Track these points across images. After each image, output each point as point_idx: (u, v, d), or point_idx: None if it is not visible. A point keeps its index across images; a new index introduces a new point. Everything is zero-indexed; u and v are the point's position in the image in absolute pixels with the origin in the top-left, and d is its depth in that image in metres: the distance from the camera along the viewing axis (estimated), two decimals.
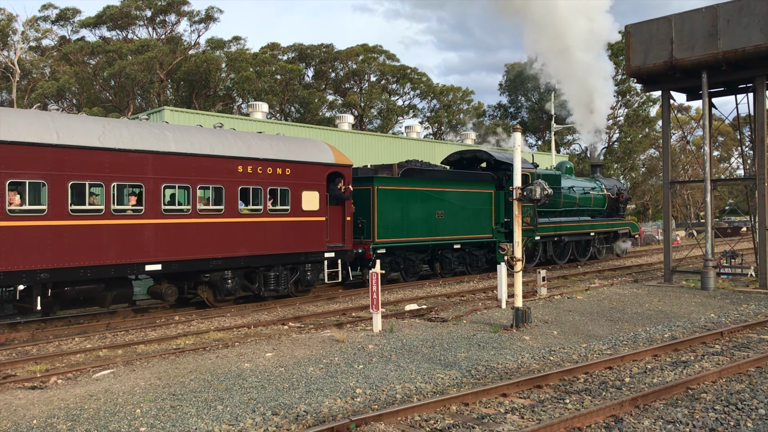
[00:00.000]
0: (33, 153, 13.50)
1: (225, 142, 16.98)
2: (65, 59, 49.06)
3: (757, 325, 13.98)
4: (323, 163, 19.00)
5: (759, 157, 19.91)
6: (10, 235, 13.21)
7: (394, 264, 22.35)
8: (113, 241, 14.77)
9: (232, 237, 16.84)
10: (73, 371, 10.98)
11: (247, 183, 17.12)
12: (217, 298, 17.54)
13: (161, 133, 15.79)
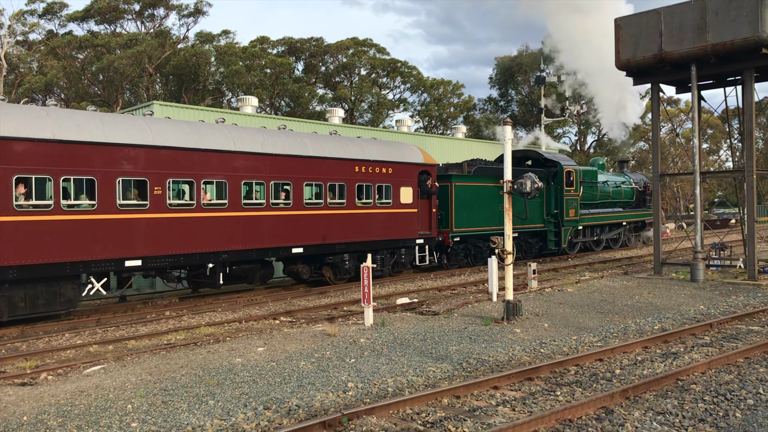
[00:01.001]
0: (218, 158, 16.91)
1: (345, 147, 20.42)
2: (53, 53, 48.70)
3: (746, 317, 14.08)
4: (415, 163, 22.30)
5: (747, 150, 20.02)
6: (202, 225, 16.51)
7: (466, 251, 25.41)
8: (273, 228, 18.18)
9: (351, 226, 20.14)
10: (63, 367, 10.93)
11: (362, 180, 20.58)
12: (336, 276, 20.80)
13: (302, 140, 19.40)
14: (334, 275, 20.63)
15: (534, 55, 64.65)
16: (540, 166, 28.79)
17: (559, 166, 28.78)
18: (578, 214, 29.04)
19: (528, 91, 67.75)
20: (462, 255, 25.34)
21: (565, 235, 28.77)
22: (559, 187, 28.38)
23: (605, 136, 68.17)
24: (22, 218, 13.52)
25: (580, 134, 68.46)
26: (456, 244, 24.48)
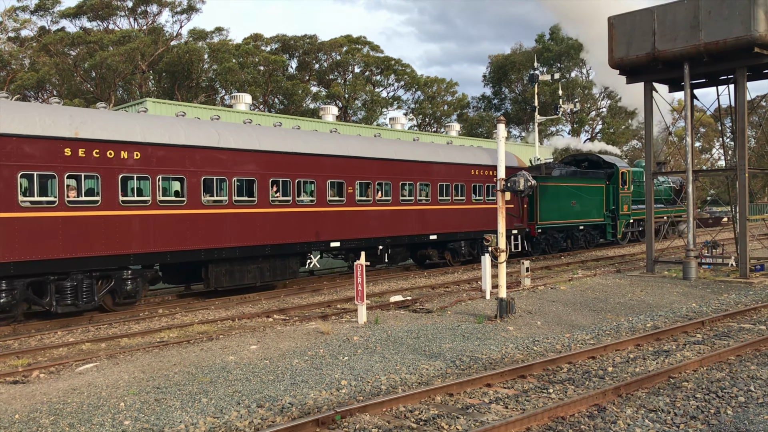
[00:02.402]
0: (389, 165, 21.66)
1: (464, 154, 24.84)
2: (45, 50, 48.43)
3: (738, 314, 14.16)
4: (511, 166, 25.35)
5: (740, 148, 20.10)
6: (375, 216, 21.10)
7: (546, 241, 29.31)
8: (418, 219, 22.49)
9: (467, 218, 24.39)
10: (55, 365, 10.90)
11: (475, 181, 24.83)
12: (454, 259, 24.97)
13: (435, 149, 23.90)
14: (453, 258, 25.00)
15: (528, 54, 64.76)
16: (599, 168, 33.28)
17: (615, 168, 33.04)
18: (630, 210, 33.62)
19: (521, 89, 67.81)
20: (544, 244, 29.29)
21: (620, 227, 33.12)
22: (615, 186, 32.62)
23: (598, 135, 68.34)
24: (273, 210, 18.30)
25: (573, 132, 68.59)
26: (539, 235, 28.70)
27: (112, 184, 14.84)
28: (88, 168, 14.48)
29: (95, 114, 15.20)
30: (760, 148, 64.20)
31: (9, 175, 13.30)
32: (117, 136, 14.98)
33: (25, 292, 13.89)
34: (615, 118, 67.66)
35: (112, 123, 15.15)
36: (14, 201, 13.40)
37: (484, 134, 62.43)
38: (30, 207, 13.64)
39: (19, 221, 13.47)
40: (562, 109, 46.17)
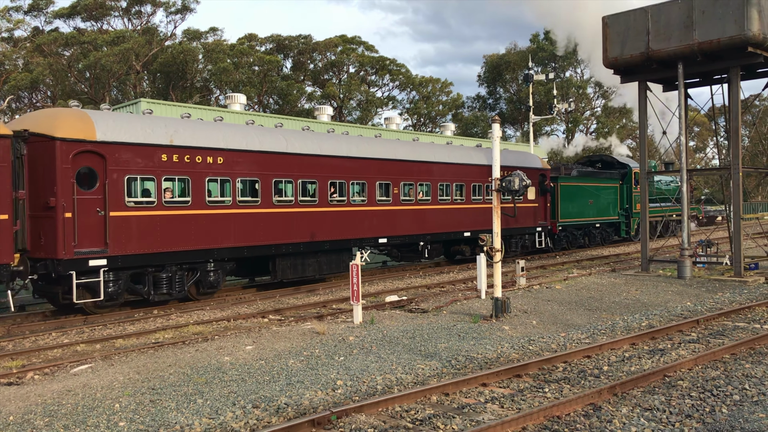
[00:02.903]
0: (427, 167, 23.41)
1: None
2: (39, 50, 48.26)
3: (732, 313, 14.20)
4: (537, 167, 28.20)
5: (733, 147, 20.16)
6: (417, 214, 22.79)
7: (566, 238, 31.12)
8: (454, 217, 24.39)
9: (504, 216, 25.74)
10: (50, 366, 10.86)
11: None
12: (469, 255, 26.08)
13: (468, 152, 25.82)
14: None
15: (522, 53, 64.83)
16: (613, 168, 35.01)
17: (628, 168, 34.79)
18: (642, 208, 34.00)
19: (516, 88, 67.89)
20: (564, 241, 30.96)
21: (633, 224, 34.73)
22: (628, 186, 34.34)
23: (592, 134, 68.43)
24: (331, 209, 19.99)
25: (567, 132, 68.70)
26: (560, 232, 30.44)
27: (200, 186, 16.61)
28: (180, 171, 16.25)
29: (185, 123, 17.07)
30: (753, 147, 64.39)
31: (118, 179, 15.07)
32: (204, 143, 16.74)
33: (128, 282, 15.57)
34: (609, 117, 67.78)
35: (200, 131, 16.91)
36: (122, 201, 15.13)
37: (479, 134, 62.48)
38: (134, 207, 15.37)
39: (125, 219, 15.21)
40: (557, 108, 46.19)
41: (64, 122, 14.57)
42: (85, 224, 14.51)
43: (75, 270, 14.29)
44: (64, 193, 14.19)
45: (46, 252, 14.30)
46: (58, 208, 14.10)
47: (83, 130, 14.64)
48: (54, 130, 14.34)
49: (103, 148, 14.84)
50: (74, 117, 14.87)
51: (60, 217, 14.08)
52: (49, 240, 14.22)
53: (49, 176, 14.30)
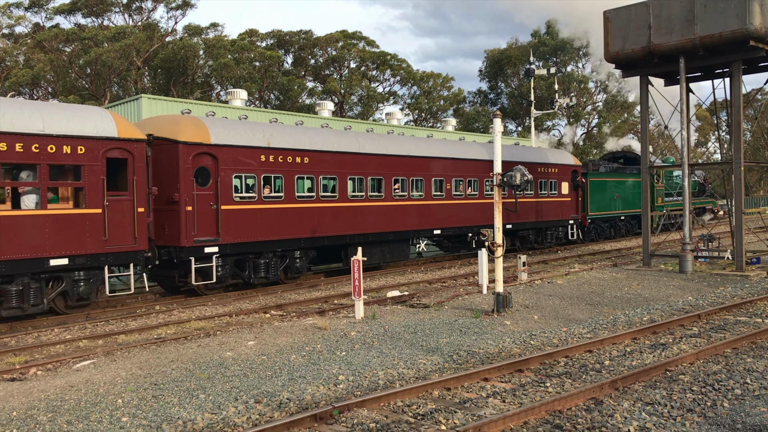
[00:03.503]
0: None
1: (531, 154, 29.10)
2: (39, 47, 48.23)
3: (734, 307, 14.20)
4: (569, 164, 30.65)
5: (735, 142, 20.13)
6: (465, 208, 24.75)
7: (594, 230, 33.38)
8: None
9: (535, 209, 28.37)
10: (52, 362, 10.89)
11: (542, 178, 28.73)
12: (523, 245, 28.47)
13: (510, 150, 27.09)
14: (522, 245, 28.47)
15: (523, 48, 64.69)
16: (635, 164, 36.49)
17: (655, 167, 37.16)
18: (663, 201, 37.98)
19: (518, 83, 67.78)
20: (593, 233, 33.31)
21: (656, 218, 35.69)
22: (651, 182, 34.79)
23: (594, 129, 68.34)
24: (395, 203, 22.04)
25: (569, 126, 68.59)
26: (589, 224, 32.56)
27: (291, 182, 18.74)
28: (275, 170, 18.41)
29: (279, 127, 19.27)
30: (755, 142, 64.25)
31: (227, 177, 17.16)
32: (294, 145, 18.91)
33: (233, 267, 17.68)
34: (611, 112, 67.66)
35: (290, 135, 19.10)
36: (230, 197, 17.26)
37: (480, 129, 62.41)
38: (239, 201, 17.51)
39: (233, 212, 17.33)
40: (558, 103, 46.15)
41: (185, 128, 16.69)
42: (201, 216, 16.69)
43: (194, 256, 16.51)
44: (186, 189, 16.38)
45: (169, 240, 16.43)
46: (181, 203, 16.27)
47: (200, 134, 16.77)
48: (177, 134, 16.45)
49: (215, 150, 16.98)
50: (192, 123, 17.02)
51: (183, 210, 16.28)
52: (173, 230, 16.37)
53: (172, 174, 16.34)
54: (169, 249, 16.43)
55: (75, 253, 14.15)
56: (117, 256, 14.89)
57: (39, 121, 13.70)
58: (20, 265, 13.43)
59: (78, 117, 14.48)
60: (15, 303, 13.56)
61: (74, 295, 14.64)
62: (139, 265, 15.56)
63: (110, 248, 14.70)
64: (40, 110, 13.99)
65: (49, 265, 13.79)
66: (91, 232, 14.37)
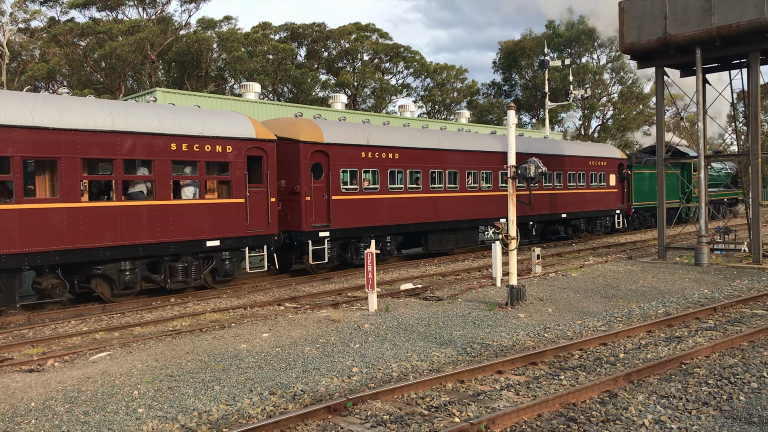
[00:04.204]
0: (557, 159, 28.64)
1: (582, 149, 31.21)
2: (55, 41, 48.52)
3: (750, 300, 14.09)
4: (617, 158, 32.93)
5: (753, 133, 19.92)
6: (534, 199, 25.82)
7: (637, 219, 35.43)
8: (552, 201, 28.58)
9: (585, 200, 30.59)
10: (69, 354, 11.01)
11: (593, 170, 31.13)
12: (574, 233, 30.92)
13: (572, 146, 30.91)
14: (573, 233, 30.89)
15: (538, 39, 64.30)
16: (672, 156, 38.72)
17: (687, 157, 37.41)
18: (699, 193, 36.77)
19: (532, 75, 67.40)
20: (636, 221, 35.22)
21: (692, 208, 38.02)
22: (687, 172, 37.72)
23: (609, 121, 67.86)
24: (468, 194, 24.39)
25: (584, 118, 68.19)
26: (633, 214, 34.48)
27: (384, 176, 21.30)
28: (373, 165, 20.97)
29: (375, 128, 21.78)
30: None
31: (336, 171, 19.77)
32: (387, 142, 21.40)
33: (338, 249, 20.32)
34: (626, 103, 67.15)
35: (383, 133, 21.67)
36: (339, 188, 19.85)
37: (494, 121, 62.16)
38: (345, 192, 20.09)
39: (341, 202, 19.95)
40: (573, 95, 45.89)
41: (303, 129, 19.40)
42: (317, 205, 19.34)
43: (311, 240, 19.19)
44: (305, 182, 19.03)
45: (291, 226, 19.05)
46: (302, 193, 18.92)
47: (315, 134, 19.39)
48: (298, 135, 19.13)
49: (327, 148, 19.55)
50: (309, 125, 19.70)
51: (303, 200, 18.96)
52: (294, 217, 19.04)
53: (293, 169, 18.97)
54: (290, 233, 19.06)
55: (225, 236, 16.89)
56: (255, 238, 17.63)
57: (199, 125, 16.38)
58: (185, 246, 16.14)
59: (227, 121, 17.18)
60: (180, 278, 16.38)
61: (221, 271, 17.39)
62: (271, 247, 18.12)
63: (251, 232, 17.48)
64: (199, 116, 16.69)
65: (205, 246, 16.55)
66: (236, 218, 17.11)
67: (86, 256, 14.43)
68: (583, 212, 30.54)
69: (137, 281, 15.74)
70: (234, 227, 17.00)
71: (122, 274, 15.38)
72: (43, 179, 14.27)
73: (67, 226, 13.99)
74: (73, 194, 14.10)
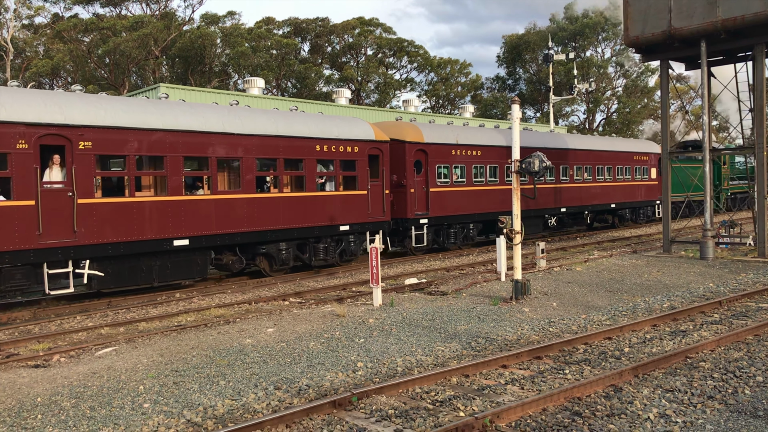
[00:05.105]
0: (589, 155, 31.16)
1: (626, 144, 34.27)
2: (59, 37, 48.58)
3: (756, 294, 14.05)
4: (657, 152, 34.78)
5: (758, 126, 19.83)
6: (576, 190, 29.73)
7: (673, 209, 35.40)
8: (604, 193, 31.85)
9: (630, 192, 33.39)
10: (75, 349, 11.05)
11: (636, 164, 33.88)
12: (621, 222, 34.04)
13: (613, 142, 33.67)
14: (620, 222, 33.91)
15: (542, 33, 64.08)
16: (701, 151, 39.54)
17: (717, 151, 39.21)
18: (729, 185, 41.75)
19: (536, 69, 67.21)
20: (673, 211, 35.67)
21: (722, 199, 39.74)
22: (718, 166, 39.59)
23: (613, 114, 67.64)
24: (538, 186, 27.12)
25: (588, 113, 67.99)
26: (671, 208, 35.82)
27: (469, 170, 24.46)
28: (461, 161, 24.06)
29: (461, 129, 25.03)
30: None
31: (433, 166, 22.91)
32: (472, 141, 24.57)
33: (433, 234, 23.38)
34: (630, 97, 66.93)
35: (469, 134, 25.00)
36: (435, 182, 23.04)
37: (498, 115, 62.03)
38: (439, 185, 23.32)
39: (437, 193, 23.20)
40: (577, 89, 45.75)
41: (408, 131, 22.65)
42: (418, 196, 22.61)
43: (414, 226, 22.45)
44: (410, 176, 22.34)
45: (397, 214, 22.20)
46: (408, 186, 22.20)
47: (417, 135, 22.63)
48: (404, 136, 22.38)
49: (426, 147, 22.73)
50: (412, 127, 23.02)
51: (408, 192, 22.22)
52: (401, 206, 22.22)
53: (400, 165, 22.21)
54: (397, 220, 22.18)
55: (353, 222, 20.17)
56: (374, 224, 20.88)
57: (335, 129, 19.77)
58: (325, 230, 19.42)
59: (353, 125, 20.59)
60: (321, 256, 19.61)
61: (348, 252, 20.58)
62: (386, 232, 21.49)
63: (371, 219, 20.75)
64: (334, 121, 20.23)
65: (339, 230, 19.81)
66: (360, 207, 20.41)
67: (258, 238, 17.69)
68: (629, 203, 33.59)
69: (290, 259, 18.90)
70: (359, 215, 20.34)
71: (280, 253, 18.49)
72: (229, 175, 17.82)
73: (246, 212, 17.30)
74: (250, 187, 17.45)
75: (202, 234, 16.29)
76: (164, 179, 15.81)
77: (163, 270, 15.96)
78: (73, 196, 14.07)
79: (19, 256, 13.33)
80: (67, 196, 14.02)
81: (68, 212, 14.01)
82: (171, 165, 15.73)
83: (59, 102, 14.19)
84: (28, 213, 13.41)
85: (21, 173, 13.34)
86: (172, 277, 16.31)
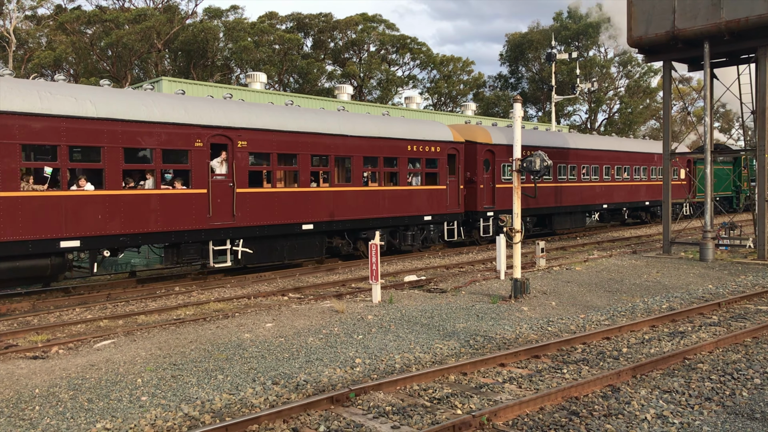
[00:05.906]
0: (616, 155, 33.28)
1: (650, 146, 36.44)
2: (61, 28, 48.51)
3: (755, 296, 14.05)
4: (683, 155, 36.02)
5: (760, 128, 19.81)
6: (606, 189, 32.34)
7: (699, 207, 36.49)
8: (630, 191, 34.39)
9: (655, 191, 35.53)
10: (74, 341, 11.06)
11: (654, 164, 35.79)
12: (651, 219, 36.98)
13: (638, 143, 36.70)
14: (651, 218, 36.85)
15: (545, 32, 64.01)
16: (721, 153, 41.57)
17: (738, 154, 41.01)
18: (749, 186, 43.00)
19: (539, 68, 67.15)
20: (698, 211, 36.63)
21: (742, 199, 42.56)
22: (738, 168, 42.01)
23: (615, 114, 67.59)
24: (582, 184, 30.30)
25: (590, 112, 67.94)
26: (696, 204, 36.42)
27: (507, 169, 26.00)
28: (501, 161, 25.51)
29: (499, 129, 26.61)
30: None
31: (499, 165, 25.28)
32: (530, 142, 25.93)
33: (497, 226, 23.55)
34: (633, 97, 66.88)
35: (529, 135, 27.19)
36: (501, 178, 25.37)
37: (500, 114, 61.99)
38: (504, 182, 25.34)
39: (501, 189, 25.35)
40: (580, 88, 45.72)
41: (479, 133, 25.11)
42: (486, 191, 24.93)
43: (481, 218, 24.84)
44: (480, 173, 24.66)
45: (468, 207, 24.51)
46: (478, 182, 24.59)
47: (486, 137, 25.05)
48: (475, 138, 24.78)
49: (494, 148, 25.14)
50: (482, 130, 25.53)
51: (478, 188, 24.62)
52: (471, 200, 24.61)
53: (471, 164, 24.53)
54: (467, 213, 24.42)
55: (434, 213, 22.86)
56: (451, 216, 23.54)
57: (421, 131, 22.50)
58: (413, 219, 22.20)
59: (435, 128, 23.34)
60: (409, 242, 22.24)
61: (429, 240, 23.28)
62: (460, 223, 24.02)
63: (449, 211, 23.44)
64: (420, 124, 23.16)
65: (423, 220, 22.49)
66: (440, 200, 23.04)
67: (363, 225, 20.55)
68: (655, 200, 36.07)
69: (385, 244, 21.12)
70: (439, 207, 22.99)
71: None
72: (342, 171, 20.38)
73: (355, 203, 20.13)
74: (358, 181, 20.35)
75: (322, 220, 19.14)
76: (296, 173, 18.68)
77: (291, 250, 18.75)
78: (233, 186, 16.90)
79: (195, 234, 16.19)
80: (228, 186, 16.86)
81: (229, 199, 16.87)
82: (302, 161, 18.64)
83: (223, 108, 17.08)
84: (203, 200, 16.27)
85: (198, 166, 16.18)
86: (297, 256, 19.16)
